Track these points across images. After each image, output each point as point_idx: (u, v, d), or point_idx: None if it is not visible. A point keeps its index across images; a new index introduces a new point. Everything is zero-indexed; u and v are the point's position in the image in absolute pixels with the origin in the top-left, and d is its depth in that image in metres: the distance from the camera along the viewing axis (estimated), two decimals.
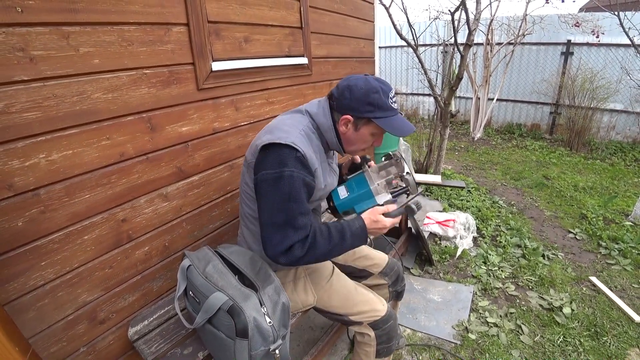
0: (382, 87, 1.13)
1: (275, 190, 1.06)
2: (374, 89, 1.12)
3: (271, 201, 1.07)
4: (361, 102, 1.12)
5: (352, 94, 1.12)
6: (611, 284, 2.34)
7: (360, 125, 1.16)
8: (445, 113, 3.62)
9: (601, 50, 5.38)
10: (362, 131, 1.18)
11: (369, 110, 1.12)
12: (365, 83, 1.13)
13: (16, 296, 1.03)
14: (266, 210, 1.09)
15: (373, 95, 1.11)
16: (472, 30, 3.16)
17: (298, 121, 1.18)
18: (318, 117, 1.20)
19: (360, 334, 1.37)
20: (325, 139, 1.22)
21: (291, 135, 1.09)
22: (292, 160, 1.06)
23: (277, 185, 1.06)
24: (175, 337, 1.28)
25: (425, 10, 9.70)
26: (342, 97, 1.14)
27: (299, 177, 1.07)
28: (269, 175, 1.07)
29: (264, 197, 1.09)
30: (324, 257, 1.13)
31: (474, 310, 2.14)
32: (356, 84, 1.13)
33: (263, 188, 1.09)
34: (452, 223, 2.86)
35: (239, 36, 1.63)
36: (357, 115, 1.14)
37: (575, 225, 3.11)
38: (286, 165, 1.05)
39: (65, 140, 1.08)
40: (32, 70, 0.98)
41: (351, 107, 1.13)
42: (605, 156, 5.06)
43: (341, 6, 2.43)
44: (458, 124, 7.23)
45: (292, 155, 1.06)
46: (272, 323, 1.04)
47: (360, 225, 1.16)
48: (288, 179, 1.06)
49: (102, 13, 1.11)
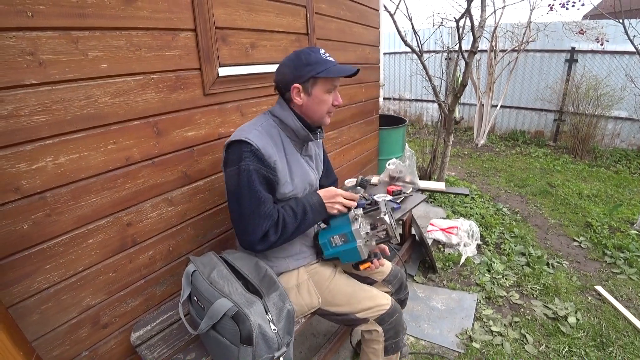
0: (312, 48, 1.24)
1: (237, 183, 1.16)
2: (305, 52, 1.21)
3: (236, 195, 1.18)
4: (299, 66, 1.19)
5: (287, 67, 1.22)
6: (617, 293, 2.31)
7: (310, 87, 1.22)
8: (449, 120, 3.61)
9: (605, 58, 5.37)
10: (315, 93, 1.23)
11: (308, 70, 1.19)
12: (294, 53, 1.23)
13: (20, 299, 1.03)
14: (233, 203, 1.19)
15: (305, 56, 1.20)
16: (476, 37, 3.17)
17: (258, 120, 1.29)
18: (276, 111, 1.29)
19: (368, 331, 1.37)
20: (291, 129, 1.28)
21: (246, 133, 1.18)
22: (247, 154, 1.15)
23: (238, 179, 1.16)
24: (178, 342, 1.27)
25: (430, 17, 9.76)
26: (282, 73, 1.24)
27: (255, 168, 1.16)
28: (231, 171, 1.17)
29: (230, 192, 1.20)
30: (294, 235, 1.23)
31: (478, 319, 2.12)
32: (288, 57, 1.24)
33: (228, 184, 1.20)
34: (456, 230, 2.84)
35: (246, 42, 1.63)
36: (302, 81, 1.20)
37: (580, 234, 3.09)
38: (242, 160, 1.15)
39: (72, 144, 1.09)
40: (41, 74, 0.99)
41: (294, 77, 1.20)
42: (609, 164, 5.04)
43: (347, 13, 2.45)
44: (461, 131, 7.22)
45: (247, 149, 1.15)
46: (277, 330, 1.03)
47: (317, 200, 1.26)
48: (245, 172, 1.15)
49: (111, 18, 1.12)
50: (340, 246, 1.30)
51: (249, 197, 1.15)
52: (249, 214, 1.15)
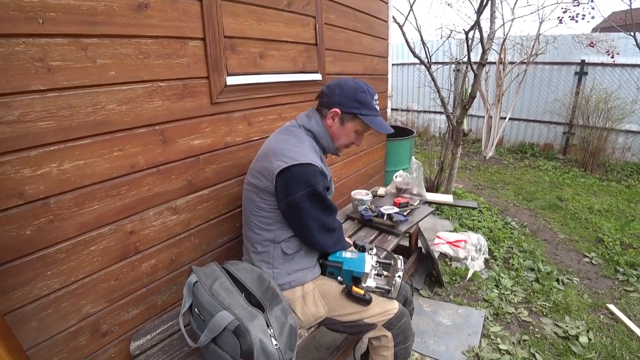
0: (369, 89, 1.30)
1: (312, 206, 1.21)
2: (362, 89, 1.27)
3: (314, 217, 1.23)
4: (350, 98, 1.26)
5: (342, 91, 1.27)
6: (630, 312, 2.24)
7: (347, 120, 1.30)
8: (458, 132, 3.59)
9: (616, 71, 5.32)
10: (347, 126, 1.31)
11: (356, 107, 1.27)
12: (355, 83, 1.29)
13: (19, 305, 1.02)
14: (312, 226, 1.25)
15: (361, 94, 1.26)
16: (486, 49, 3.16)
17: (300, 138, 1.29)
18: (312, 127, 1.32)
19: (376, 338, 1.35)
20: (322, 144, 1.35)
21: (305, 154, 1.19)
22: (317, 176, 1.18)
23: (312, 202, 1.20)
24: (178, 353, 1.24)
25: (439, 29, 9.79)
26: (333, 93, 1.28)
27: (323, 187, 1.22)
28: (301, 197, 1.18)
29: (304, 216, 1.22)
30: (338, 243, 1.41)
31: (485, 336, 2.06)
32: (346, 82, 1.29)
33: (298, 209, 1.20)
34: (463, 244, 2.79)
35: (254, 51, 1.64)
36: (344, 110, 1.27)
37: (591, 249, 3.02)
38: (312, 184, 1.18)
39: (78, 150, 1.08)
40: (49, 80, 0.99)
41: (340, 102, 1.27)
42: (621, 178, 4.94)
43: (356, 24, 2.45)
44: (469, 143, 7.17)
45: (315, 171, 1.18)
46: (279, 346, 1.00)
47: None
48: (319, 195, 1.20)
49: (121, 26, 1.13)
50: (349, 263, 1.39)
51: (328, 214, 1.28)
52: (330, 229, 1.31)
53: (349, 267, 1.35)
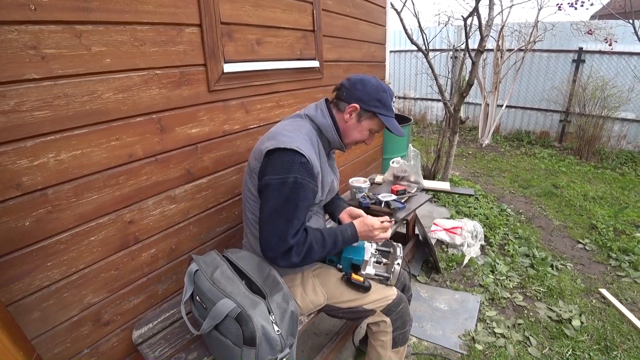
0: (389, 89, 1.28)
1: (277, 195, 1.10)
2: (383, 89, 1.25)
3: (273, 205, 1.10)
4: (371, 96, 1.23)
5: (365, 87, 1.24)
6: (621, 296, 2.29)
7: (364, 117, 1.27)
8: (455, 119, 3.58)
9: (613, 59, 5.31)
10: (364, 124, 1.28)
11: (376, 106, 1.24)
12: (377, 81, 1.27)
13: (21, 296, 1.02)
14: (267, 214, 1.11)
15: (382, 93, 1.24)
16: (484, 36, 3.13)
17: (300, 125, 1.24)
18: (317, 118, 1.27)
19: (375, 323, 1.37)
20: (326, 138, 1.30)
21: (295, 140, 1.13)
22: (297, 166, 1.10)
23: (280, 190, 1.09)
24: (180, 341, 1.26)
25: (437, 16, 9.69)
26: (354, 88, 1.25)
27: (302, 183, 1.11)
28: (273, 180, 1.10)
29: (266, 201, 1.12)
30: (317, 261, 1.24)
31: (481, 320, 2.10)
32: (369, 80, 1.26)
33: (266, 192, 1.12)
34: (460, 230, 2.82)
35: (252, 38, 1.61)
36: (364, 107, 1.24)
37: (584, 236, 3.06)
38: (290, 172, 1.09)
39: (75, 140, 1.07)
40: (44, 68, 0.97)
41: (361, 99, 1.23)
42: (615, 166, 4.99)
43: (353, 10, 2.42)
44: (466, 130, 7.17)
45: (296, 160, 1.10)
46: (280, 332, 1.01)
47: (352, 233, 1.26)
48: (292, 185, 1.09)
49: (116, 12, 1.10)
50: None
51: (288, 212, 1.10)
52: (280, 228, 1.09)
53: (349, 254, 1.36)
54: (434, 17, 7.57)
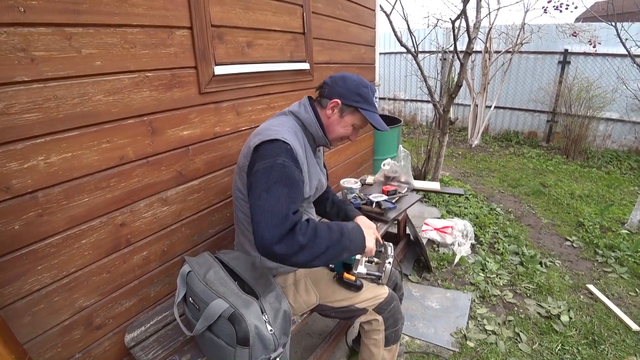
0: (371, 86, 1.30)
1: (268, 177, 1.04)
2: (364, 84, 1.27)
3: (264, 186, 1.03)
4: (352, 91, 1.25)
5: (346, 83, 1.26)
6: (608, 292, 2.34)
7: (346, 112, 1.27)
8: (444, 120, 3.63)
9: (597, 60, 5.44)
10: (346, 119, 1.28)
11: (357, 100, 1.25)
12: (358, 78, 1.29)
13: (11, 301, 1.01)
14: (259, 196, 1.02)
15: (363, 89, 1.25)
16: (472, 38, 3.18)
17: (284, 121, 1.26)
18: (301, 114, 1.28)
19: (367, 322, 1.39)
20: (310, 133, 1.30)
21: (280, 132, 1.14)
22: (283, 152, 1.10)
23: (270, 172, 1.04)
24: (173, 343, 1.25)
25: (425, 18, 9.78)
26: (335, 84, 1.27)
27: (290, 167, 1.07)
28: (260, 165, 1.07)
29: (256, 185, 1.04)
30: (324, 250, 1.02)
31: (473, 318, 2.13)
32: (350, 76, 1.29)
33: (256, 178, 1.06)
34: (450, 230, 2.85)
35: (242, 41, 1.62)
36: (345, 102, 1.25)
37: (572, 233, 3.12)
38: (279, 156, 1.08)
39: (65, 143, 1.06)
40: (33, 70, 0.97)
41: (342, 94, 1.25)
42: (601, 164, 5.10)
43: (343, 12, 2.44)
44: (456, 131, 7.26)
45: (283, 147, 1.11)
46: (274, 331, 1.02)
47: (354, 226, 1.16)
48: (281, 167, 1.06)
49: (106, 15, 1.10)
50: None
51: (282, 191, 1.02)
52: (278, 207, 0.99)
53: None
54: (423, 20, 7.68)
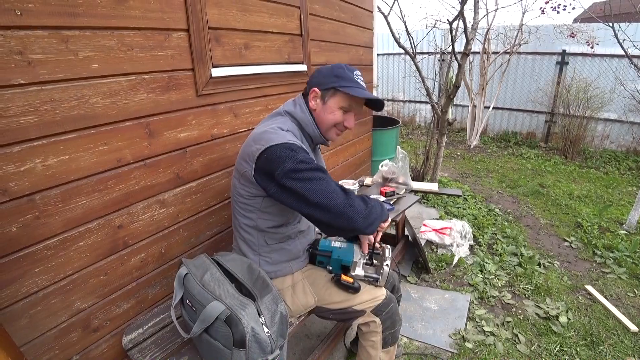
0: (347, 66, 1.26)
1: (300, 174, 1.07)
2: (339, 66, 1.25)
3: (304, 182, 1.07)
4: (327, 75, 1.23)
5: (320, 72, 1.26)
6: (607, 292, 2.35)
7: (327, 97, 1.24)
8: (443, 121, 3.63)
9: (595, 61, 5.45)
10: (329, 103, 1.25)
11: (333, 81, 1.22)
12: (333, 65, 1.27)
13: (8, 303, 1.01)
14: (309, 192, 1.06)
15: (337, 70, 1.23)
16: (469, 39, 3.19)
17: (281, 122, 1.24)
18: (296, 114, 1.27)
19: (365, 324, 1.38)
20: (307, 133, 1.29)
21: (281, 136, 1.13)
22: (297, 149, 1.10)
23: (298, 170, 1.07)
24: (171, 345, 1.25)
25: (423, 19, 9.81)
26: (312, 77, 1.28)
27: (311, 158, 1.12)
28: (283, 170, 1.07)
29: (296, 188, 1.07)
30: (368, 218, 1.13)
31: (471, 319, 2.13)
32: (326, 66, 1.28)
33: (289, 183, 1.07)
34: (449, 231, 2.85)
35: (239, 42, 1.62)
36: (322, 88, 1.23)
37: (570, 234, 3.13)
38: (296, 152, 1.09)
39: (62, 145, 1.07)
40: (30, 73, 0.97)
41: (318, 82, 1.24)
42: (599, 165, 5.11)
43: (341, 14, 2.45)
44: (454, 132, 7.27)
45: (290, 146, 1.10)
46: (270, 333, 1.02)
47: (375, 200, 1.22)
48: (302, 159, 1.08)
49: (102, 17, 1.11)
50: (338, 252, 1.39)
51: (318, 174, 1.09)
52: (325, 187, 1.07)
53: (338, 256, 1.37)
54: (420, 21, 7.69)
